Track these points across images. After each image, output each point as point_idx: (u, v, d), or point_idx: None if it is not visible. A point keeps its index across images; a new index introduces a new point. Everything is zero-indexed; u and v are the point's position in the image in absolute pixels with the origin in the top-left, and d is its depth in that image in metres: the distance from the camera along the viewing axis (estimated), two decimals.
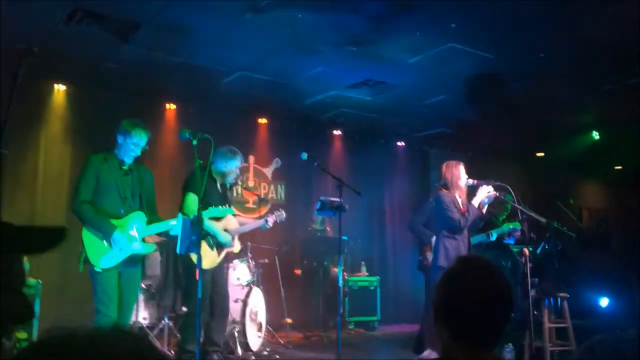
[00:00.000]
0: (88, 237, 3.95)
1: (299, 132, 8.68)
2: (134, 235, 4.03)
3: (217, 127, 7.29)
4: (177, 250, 3.89)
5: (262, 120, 8.48)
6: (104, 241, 3.96)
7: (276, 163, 8.61)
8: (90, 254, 3.91)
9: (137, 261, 4.14)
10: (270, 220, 5.32)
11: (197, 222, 3.50)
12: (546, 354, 5.01)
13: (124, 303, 4.03)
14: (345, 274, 7.76)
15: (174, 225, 4.06)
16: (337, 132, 9.18)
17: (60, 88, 6.89)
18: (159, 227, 4.15)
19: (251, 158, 8.35)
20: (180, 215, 4.08)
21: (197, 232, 3.51)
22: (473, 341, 1.49)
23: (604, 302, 6.71)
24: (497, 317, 1.53)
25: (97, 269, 3.87)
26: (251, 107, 8.06)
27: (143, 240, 4.11)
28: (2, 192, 5.88)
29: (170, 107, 7.64)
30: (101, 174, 4.05)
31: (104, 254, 3.92)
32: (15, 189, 6.35)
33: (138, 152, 4.14)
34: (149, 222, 4.11)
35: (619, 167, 12.44)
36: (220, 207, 4.41)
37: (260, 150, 8.51)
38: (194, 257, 4.25)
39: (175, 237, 4.05)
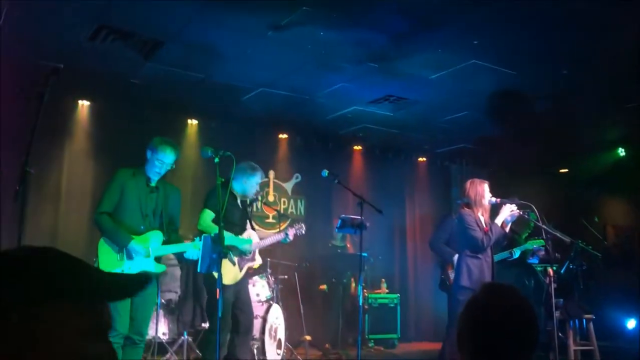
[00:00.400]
0: (103, 249, 4.00)
1: (320, 148, 8.68)
2: (149, 251, 4.05)
3: (238, 143, 7.36)
4: (198, 270, 3.88)
5: (283, 136, 8.50)
6: (118, 255, 4.00)
7: (296, 178, 8.60)
8: (102, 265, 3.95)
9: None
10: (291, 233, 5.27)
11: (218, 240, 3.49)
12: None
13: (138, 319, 4.04)
14: (365, 291, 7.69)
15: (189, 247, 4.07)
16: (357, 148, 9.16)
17: (84, 104, 6.99)
18: (175, 248, 4.16)
19: (271, 173, 8.36)
20: (202, 235, 4.07)
21: (218, 251, 3.50)
22: None
23: (631, 323, 6.53)
24: (523, 349, 1.48)
25: None
26: (272, 123, 8.09)
27: (156, 259, 4.12)
28: (26, 207, 5.95)
29: (192, 122, 7.71)
30: (126, 188, 4.10)
31: (115, 267, 3.94)
32: (40, 203, 6.43)
33: (162, 171, 4.16)
34: (165, 242, 4.13)
35: None
36: (240, 227, 4.40)
37: (281, 165, 8.53)
38: (216, 274, 4.24)
39: (189, 259, 4.07)
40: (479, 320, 1.49)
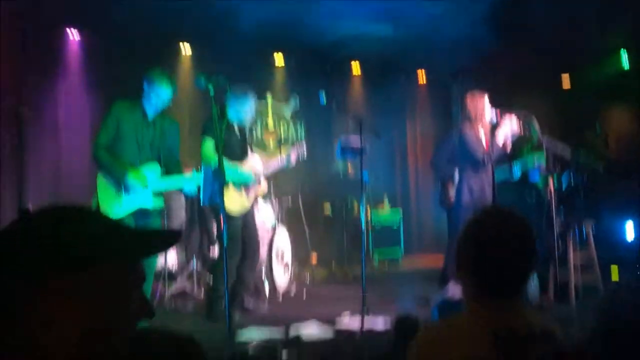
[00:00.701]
0: (102, 184, 4.01)
1: (317, 69, 8.51)
2: (147, 183, 4.05)
3: (233, 68, 7.22)
4: (201, 203, 3.92)
5: (279, 58, 8.32)
6: (116, 190, 3.99)
7: (294, 101, 8.50)
8: (101, 200, 3.97)
9: (150, 216, 4.14)
10: (293, 156, 5.25)
11: (219, 171, 3.49)
12: (570, 285, 5.01)
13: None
14: (368, 207, 7.79)
15: (186, 182, 4.08)
16: (356, 68, 8.99)
17: (73, 35, 6.82)
18: (172, 182, 4.16)
19: (269, 97, 8.25)
20: (200, 168, 4.08)
21: (220, 181, 3.51)
22: (497, 291, 1.48)
23: (631, 232, 6.64)
24: (521, 266, 1.51)
25: None
26: (267, 45, 7.90)
27: (155, 194, 4.12)
28: (25, 145, 5.95)
29: (185, 47, 7.53)
30: (122, 122, 4.05)
31: (114, 202, 3.97)
32: (39, 140, 6.39)
33: (158, 105, 4.10)
34: (164, 174, 4.13)
35: None
36: (240, 154, 4.39)
37: (278, 89, 8.41)
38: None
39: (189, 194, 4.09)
40: (476, 241, 1.50)
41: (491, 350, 1.34)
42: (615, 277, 5.58)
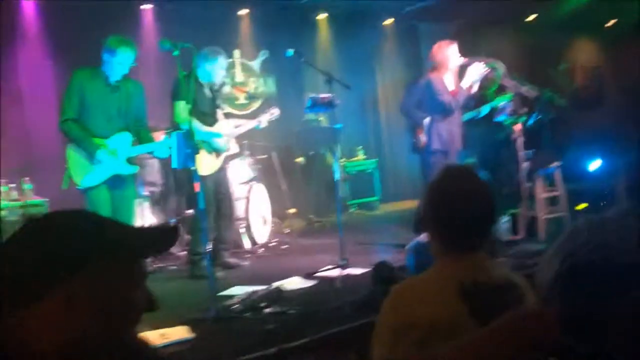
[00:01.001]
0: (72, 155, 3.98)
1: (283, 20, 8.38)
2: (118, 155, 4.04)
3: (197, 25, 7.09)
4: (172, 165, 3.94)
5: (244, 12, 8.15)
6: (87, 160, 3.98)
7: (263, 55, 8.41)
8: (73, 171, 3.96)
9: (125, 181, 4.17)
10: (264, 120, 5.34)
11: (190, 134, 3.51)
12: (540, 221, 5.22)
13: (121, 220, 4.14)
14: (343, 158, 7.88)
15: (158, 146, 4.09)
16: (322, 17, 8.87)
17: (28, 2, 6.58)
18: (144, 148, 4.16)
19: (237, 52, 8.14)
20: (171, 133, 4.08)
21: (191, 145, 3.54)
22: (462, 246, 1.57)
23: (595, 164, 6.86)
24: (483, 222, 1.60)
25: (80, 187, 3.94)
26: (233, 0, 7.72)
27: (128, 160, 4.13)
28: None
29: (146, 7, 7.32)
30: (86, 91, 3.99)
31: (86, 172, 3.96)
32: (6, 114, 6.24)
33: (126, 70, 4.05)
34: (136, 142, 4.12)
35: (613, 22, 12.16)
36: (211, 116, 4.39)
37: (245, 44, 8.28)
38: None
39: (160, 158, 4.11)
40: (439, 200, 1.59)
41: (458, 301, 1.45)
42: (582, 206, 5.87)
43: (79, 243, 0.89)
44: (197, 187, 3.60)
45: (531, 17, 10.87)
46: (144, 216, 5.91)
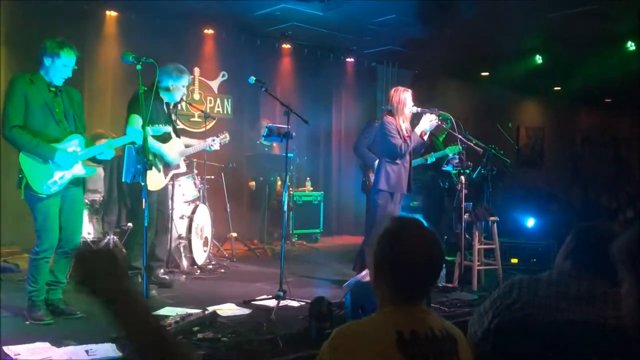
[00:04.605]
0: (27, 163, 3.81)
1: (247, 45, 8.47)
2: (76, 157, 3.96)
3: (161, 38, 7.06)
4: (123, 179, 3.89)
5: (209, 31, 8.18)
6: (45, 166, 3.85)
7: (222, 76, 8.43)
8: (31, 179, 3.79)
9: (79, 182, 4.10)
10: (215, 143, 5.40)
11: (143, 150, 3.47)
12: (474, 271, 5.41)
13: (70, 229, 4.04)
14: (290, 189, 7.92)
15: (104, 147, 4.03)
16: (286, 46, 8.99)
17: None
18: (97, 149, 4.08)
19: (196, 70, 8.13)
20: (125, 146, 4.03)
21: (143, 161, 3.50)
22: (407, 296, 1.63)
23: (530, 222, 7.19)
24: (431, 275, 1.67)
25: (40, 195, 3.81)
26: (197, 17, 7.74)
27: (84, 163, 4.04)
28: None
29: (111, 14, 7.23)
30: (30, 96, 3.82)
31: (46, 180, 3.83)
32: None
33: (69, 73, 3.95)
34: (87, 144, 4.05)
35: (558, 88, 12.88)
36: (164, 126, 4.37)
37: (206, 63, 8.29)
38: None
39: (104, 160, 4.05)
40: (391, 250, 1.64)
41: (395, 351, 1.50)
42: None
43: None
44: (143, 203, 3.56)
45: (484, 74, 11.37)
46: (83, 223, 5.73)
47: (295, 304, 4.48)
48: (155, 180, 4.78)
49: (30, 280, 3.93)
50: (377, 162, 5.51)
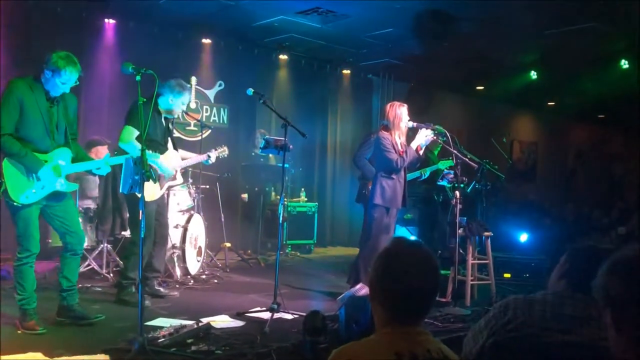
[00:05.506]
0: (9, 170, 3.77)
1: (245, 55, 8.51)
2: (61, 172, 3.91)
3: (159, 46, 7.09)
4: (121, 190, 3.88)
5: (206, 41, 8.20)
6: (27, 176, 3.80)
7: (219, 86, 8.46)
8: (10, 187, 3.74)
9: (64, 195, 4.05)
10: (213, 156, 5.41)
11: (141, 162, 3.47)
12: (467, 286, 5.42)
13: (75, 226, 4.06)
14: (285, 200, 7.92)
15: (101, 164, 4.02)
16: (283, 57, 9.03)
17: None
18: (84, 166, 4.06)
19: (193, 79, 8.13)
20: (124, 157, 4.02)
21: (141, 172, 3.49)
22: (405, 318, 1.64)
23: (523, 237, 7.23)
24: (429, 297, 1.68)
25: (16, 204, 3.78)
26: (195, 27, 7.77)
27: (66, 177, 4.01)
28: None
29: (109, 22, 7.24)
30: (26, 103, 3.77)
31: (25, 189, 3.78)
32: None
33: (67, 90, 3.92)
34: (74, 160, 4.01)
35: (552, 103, 12.99)
36: (163, 145, 4.37)
37: (203, 72, 8.30)
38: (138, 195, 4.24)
39: (100, 175, 4.03)
40: (389, 272, 1.65)
41: None
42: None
43: None
44: (140, 214, 3.55)
45: (479, 88, 11.45)
46: None
47: (288, 316, 4.47)
48: (150, 191, 4.77)
49: (17, 288, 3.90)
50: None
